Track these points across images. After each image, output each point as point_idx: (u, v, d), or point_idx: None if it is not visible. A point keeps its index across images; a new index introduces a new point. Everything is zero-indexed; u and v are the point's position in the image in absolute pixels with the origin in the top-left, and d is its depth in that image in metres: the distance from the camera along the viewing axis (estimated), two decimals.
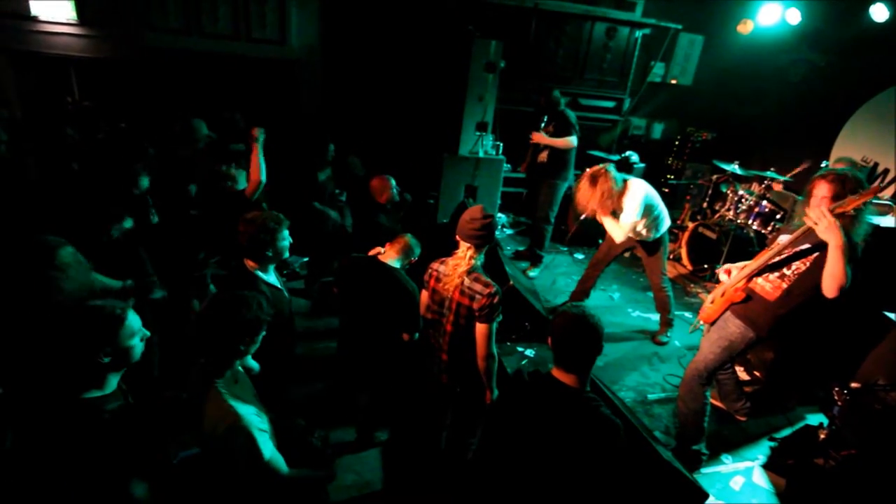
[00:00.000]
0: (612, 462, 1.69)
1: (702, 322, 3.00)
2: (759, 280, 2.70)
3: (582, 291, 4.36)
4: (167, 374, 2.97)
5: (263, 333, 1.85)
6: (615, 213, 3.68)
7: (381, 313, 2.67)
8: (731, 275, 2.85)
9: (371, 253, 2.80)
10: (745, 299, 2.71)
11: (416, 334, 2.69)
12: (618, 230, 3.71)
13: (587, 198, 3.55)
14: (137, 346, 1.65)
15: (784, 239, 2.67)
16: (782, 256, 2.60)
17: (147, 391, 1.91)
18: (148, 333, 1.70)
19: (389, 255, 2.71)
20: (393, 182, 3.69)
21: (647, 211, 3.67)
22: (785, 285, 2.60)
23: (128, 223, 2.79)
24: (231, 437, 1.66)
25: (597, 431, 1.68)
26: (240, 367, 1.91)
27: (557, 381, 1.75)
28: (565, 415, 1.71)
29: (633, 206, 3.60)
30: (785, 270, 2.61)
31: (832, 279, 2.31)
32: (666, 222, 3.86)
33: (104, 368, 1.57)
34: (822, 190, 2.45)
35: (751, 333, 2.69)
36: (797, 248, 2.56)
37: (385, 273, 2.65)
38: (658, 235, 3.87)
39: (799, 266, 2.57)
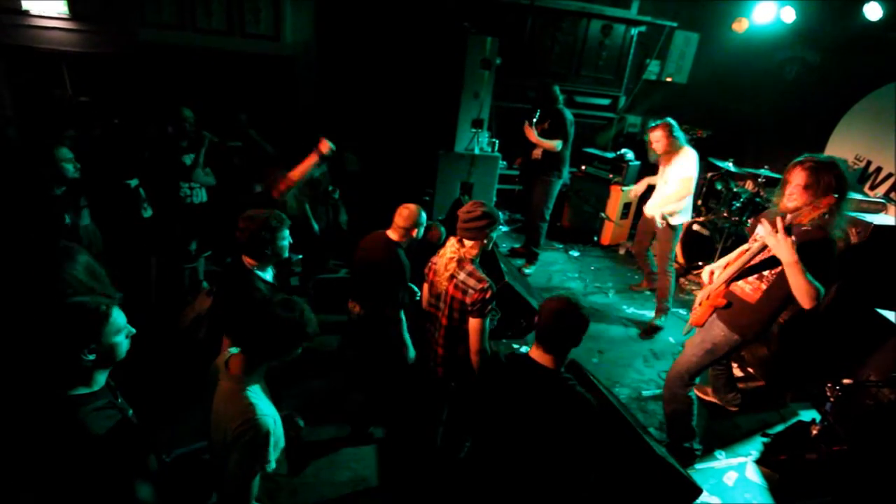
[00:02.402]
0: (587, 439, 1.76)
1: (692, 325, 3.00)
2: (739, 283, 2.66)
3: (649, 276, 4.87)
4: (163, 365, 2.96)
5: (299, 350, 1.82)
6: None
7: (373, 282, 2.77)
8: (715, 276, 2.82)
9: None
10: (727, 305, 2.68)
11: (402, 313, 2.76)
12: (678, 185, 4.06)
13: (657, 139, 4.09)
14: (123, 343, 1.62)
15: (762, 231, 2.64)
16: (760, 258, 2.54)
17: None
18: (133, 330, 1.67)
19: (394, 231, 2.77)
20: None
21: (688, 183, 4.07)
22: (764, 286, 2.56)
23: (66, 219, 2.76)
24: (244, 433, 1.63)
25: (571, 409, 1.75)
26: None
27: (534, 361, 1.82)
28: (540, 393, 1.78)
29: (691, 162, 4.05)
30: (763, 272, 2.57)
31: (799, 294, 2.28)
32: (688, 213, 4.27)
33: (90, 365, 1.54)
34: (797, 178, 2.40)
35: (734, 337, 2.67)
36: (763, 254, 2.50)
37: (384, 245, 2.74)
38: (677, 223, 4.19)
39: (777, 267, 2.48)
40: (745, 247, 2.74)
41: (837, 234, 2.39)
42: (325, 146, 3.52)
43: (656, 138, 4.10)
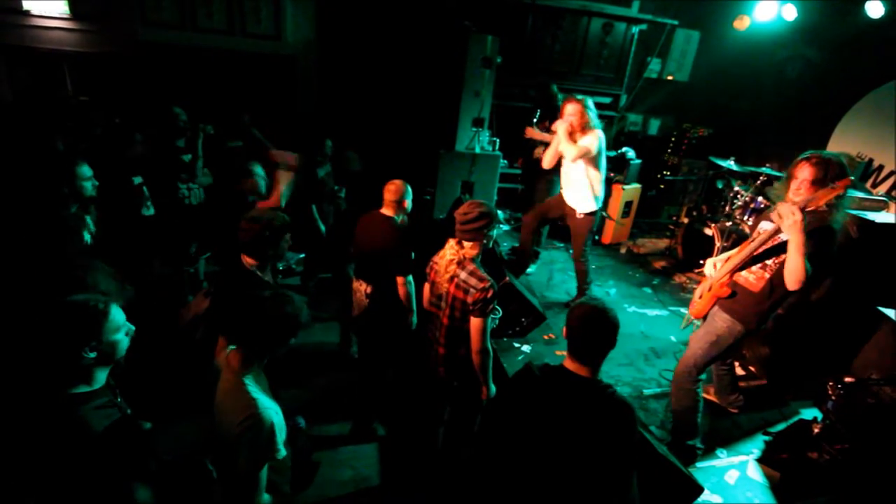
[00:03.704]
0: (629, 446, 1.71)
1: (693, 318, 3.00)
2: (743, 272, 2.71)
3: (524, 260, 4.84)
4: (162, 366, 2.95)
5: (292, 340, 1.85)
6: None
7: (380, 258, 2.92)
8: (717, 268, 2.85)
9: None
10: (731, 294, 2.71)
11: (410, 276, 2.90)
12: (572, 149, 3.93)
13: (572, 112, 3.96)
14: (123, 340, 1.64)
15: (765, 226, 2.67)
16: (764, 248, 2.60)
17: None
18: (133, 328, 1.68)
19: (387, 207, 2.96)
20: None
21: (597, 156, 3.98)
22: (768, 275, 2.60)
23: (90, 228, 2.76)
24: (250, 427, 1.65)
25: (614, 416, 1.69)
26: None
27: (570, 371, 1.76)
28: (581, 403, 1.71)
29: (594, 136, 3.94)
30: (767, 261, 2.62)
31: (791, 275, 2.36)
32: (601, 199, 4.17)
33: (90, 363, 1.56)
34: (804, 173, 2.46)
35: (738, 327, 2.69)
36: (778, 239, 2.55)
37: (381, 221, 2.94)
38: (590, 209, 4.12)
39: (781, 256, 2.55)
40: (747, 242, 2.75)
41: (836, 226, 2.44)
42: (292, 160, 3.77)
43: (571, 112, 3.98)
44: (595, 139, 3.93)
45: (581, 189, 4.08)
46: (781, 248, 2.52)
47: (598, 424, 1.68)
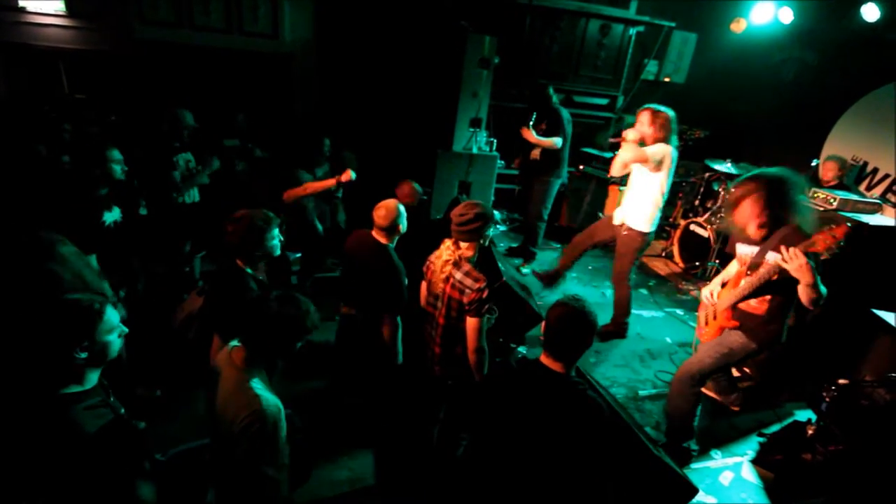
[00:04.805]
0: (597, 442, 1.76)
1: (701, 342, 3.02)
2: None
3: (557, 273, 4.54)
4: (160, 366, 2.95)
5: (303, 342, 1.84)
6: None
7: (367, 285, 2.75)
8: (715, 295, 2.88)
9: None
10: (738, 326, 2.74)
11: (398, 317, 2.75)
12: (628, 151, 3.61)
13: (645, 122, 3.57)
14: (115, 342, 1.63)
15: (742, 249, 2.74)
16: (761, 283, 2.59)
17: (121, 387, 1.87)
18: (126, 330, 1.67)
19: (378, 233, 2.74)
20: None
21: (657, 172, 3.60)
22: (769, 297, 2.63)
23: (116, 213, 2.76)
24: (251, 424, 1.64)
25: (582, 412, 1.75)
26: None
27: (545, 366, 1.82)
28: (551, 397, 1.77)
29: (660, 148, 3.54)
30: (768, 293, 2.64)
31: (811, 303, 2.41)
32: (654, 223, 3.79)
33: (82, 364, 1.54)
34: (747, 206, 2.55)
35: (753, 345, 2.71)
36: (774, 276, 2.52)
37: (374, 248, 2.72)
38: (643, 230, 3.77)
39: (779, 295, 2.60)
40: (738, 264, 2.80)
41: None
42: (347, 176, 3.70)
43: (645, 121, 3.56)
44: (659, 151, 3.52)
45: (636, 202, 3.77)
46: (782, 284, 2.50)
47: (566, 418, 1.74)
